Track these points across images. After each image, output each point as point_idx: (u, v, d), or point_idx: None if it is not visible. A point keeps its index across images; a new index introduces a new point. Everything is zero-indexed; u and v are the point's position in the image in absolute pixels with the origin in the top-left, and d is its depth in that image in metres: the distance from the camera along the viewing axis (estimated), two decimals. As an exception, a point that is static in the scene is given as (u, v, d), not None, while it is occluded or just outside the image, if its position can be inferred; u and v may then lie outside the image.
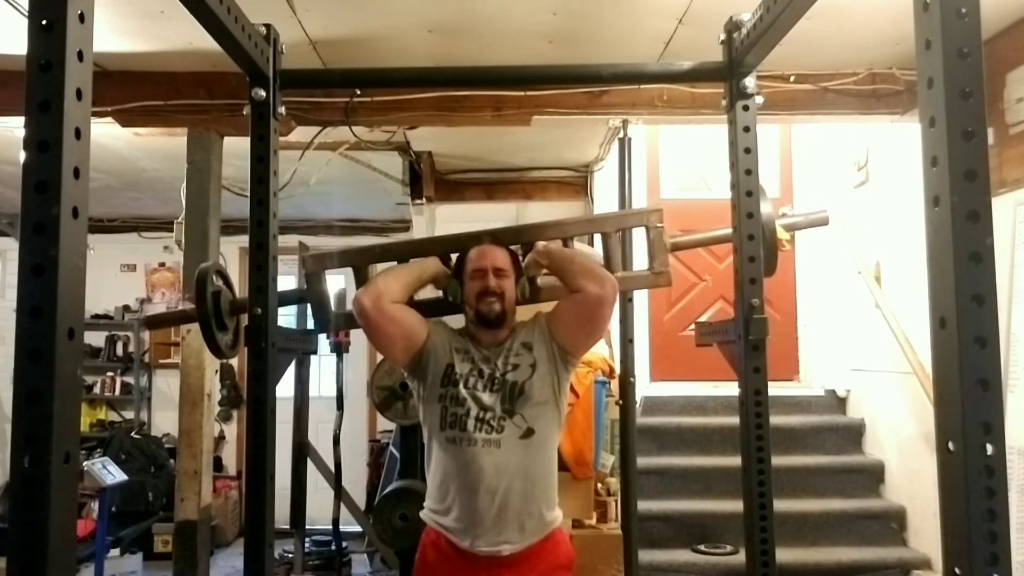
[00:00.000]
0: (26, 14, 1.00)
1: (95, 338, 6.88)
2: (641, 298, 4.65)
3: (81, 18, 0.95)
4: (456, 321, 2.26)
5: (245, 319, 1.97)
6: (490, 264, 2.13)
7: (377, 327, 2.08)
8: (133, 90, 3.51)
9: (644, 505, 3.87)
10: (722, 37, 2.02)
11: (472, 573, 2.07)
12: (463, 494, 2.06)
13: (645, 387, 4.82)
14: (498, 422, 2.06)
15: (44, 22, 0.93)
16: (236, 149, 3.31)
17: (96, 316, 6.83)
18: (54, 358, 0.90)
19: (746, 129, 1.98)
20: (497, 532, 2.04)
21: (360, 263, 2.20)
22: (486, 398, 2.07)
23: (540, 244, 2.19)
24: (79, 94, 0.95)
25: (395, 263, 2.22)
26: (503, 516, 2.04)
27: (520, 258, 2.22)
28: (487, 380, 2.10)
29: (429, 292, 2.27)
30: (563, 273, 2.14)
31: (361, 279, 2.18)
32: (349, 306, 2.12)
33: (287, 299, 2.04)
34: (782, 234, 2.14)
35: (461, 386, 2.09)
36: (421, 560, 2.17)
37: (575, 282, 2.08)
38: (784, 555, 2.23)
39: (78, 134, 0.94)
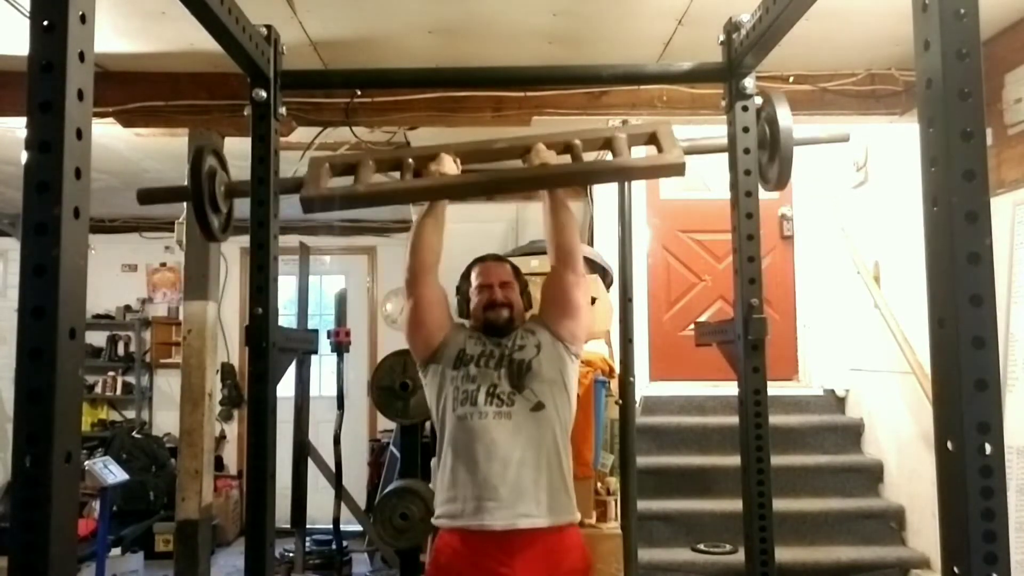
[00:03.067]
0: (27, 15, 1.00)
1: (96, 338, 6.88)
2: (641, 298, 4.66)
3: (82, 19, 0.95)
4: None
5: (239, 203, 1.95)
6: (495, 279, 2.29)
7: (419, 310, 2.22)
8: (134, 91, 3.52)
9: (644, 504, 3.87)
10: (721, 38, 2.02)
11: (490, 558, 2.05)
12: (477, 467, 2.09)
13: (645, 387, 4.82)
14: (508, 396, 2.15)
15: (45, 23, 0.93)
16: (237, 150, 3.31)
17: (97, 316, 6.83)
18: (55, 358, 0.90)
19: (745, 130, 1.98)
20: (513, 504, 2.06)
21: (362, 203, 2.20)
22: (496, 375, 2.18)
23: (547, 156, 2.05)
24: (80, 95, 0.95)
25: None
26: (519, 487, 2.07)
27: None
28: (497, 359, 2.21)
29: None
30: (556, 216, 2.19)
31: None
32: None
33: (287, 188, 2.03)
34: None
35: (472, 364, 2.20)
36: (434, 564, 2.17)
37: (558, 238, 2.19)
38: (783, 554, 2.23)
39: (79, 135, 0.94)
